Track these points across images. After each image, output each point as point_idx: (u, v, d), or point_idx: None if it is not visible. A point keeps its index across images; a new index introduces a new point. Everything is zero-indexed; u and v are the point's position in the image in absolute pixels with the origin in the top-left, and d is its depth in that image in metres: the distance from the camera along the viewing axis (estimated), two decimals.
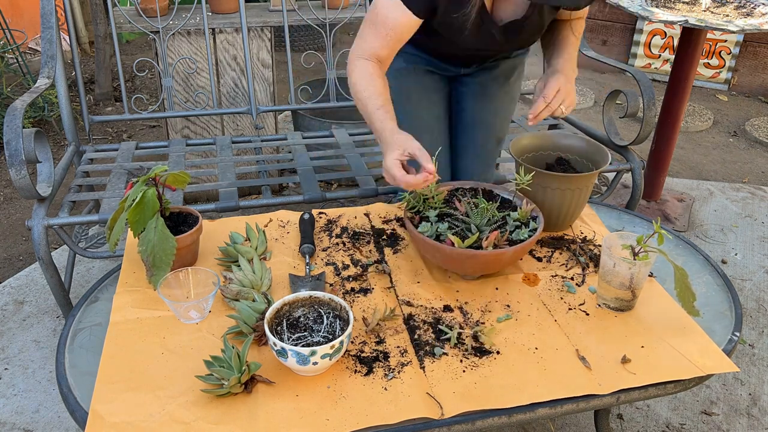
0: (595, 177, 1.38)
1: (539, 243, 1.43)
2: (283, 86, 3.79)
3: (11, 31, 3.37)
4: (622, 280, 1.17)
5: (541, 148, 1.51)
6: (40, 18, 1.94)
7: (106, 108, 3.71)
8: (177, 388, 1.01)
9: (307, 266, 1.29)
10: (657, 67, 4.47)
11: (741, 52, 4.24)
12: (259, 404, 0.99)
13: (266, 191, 1.90)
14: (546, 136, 1.52)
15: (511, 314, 1.20)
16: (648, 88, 2.00)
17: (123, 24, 2.28)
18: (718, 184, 3.11)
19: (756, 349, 2.06)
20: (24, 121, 2.66)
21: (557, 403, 1.02)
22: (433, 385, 1.03)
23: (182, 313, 1.15)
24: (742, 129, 3.81)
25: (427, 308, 1.21)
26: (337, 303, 1.10)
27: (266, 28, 2.51)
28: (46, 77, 1.90)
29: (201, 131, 2.64)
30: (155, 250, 1.16)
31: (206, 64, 2.47)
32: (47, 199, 1.67)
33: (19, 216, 2.75)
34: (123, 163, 2.00)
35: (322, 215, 1.52)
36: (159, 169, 1.20)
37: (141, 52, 4.61)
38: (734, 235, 2.68)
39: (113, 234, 1.19)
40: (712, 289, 1.33)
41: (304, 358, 0.98)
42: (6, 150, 1.54)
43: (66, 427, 1.71)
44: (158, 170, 1.20)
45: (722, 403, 1.85)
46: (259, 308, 1.12)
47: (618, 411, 1.80)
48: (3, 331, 2.04)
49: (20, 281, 2.27)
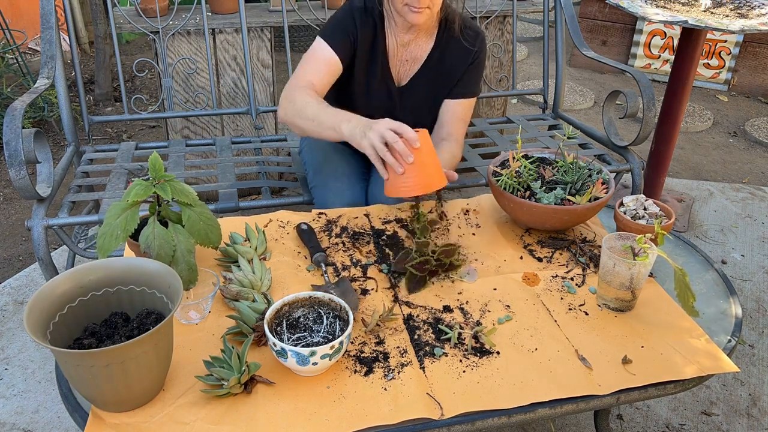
0: None
1: (539, 243, 1.43)
2: (283, 86, 3.79)
3: (11, 31, 3.37)
4: (622, 280, 1.17)
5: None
6: (40, 18, 1.94)
7: (105, 108, 3.71)
8: (177, 388, 1.01)
9: (324, 275, 1.28)
10: (657, 67, 4.47)
11: (741, 53, 4.25)
12: (259, 404, 0.99)
13: (266, 192, 1.90)
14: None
15: (511, 315, 1.20)
16: (648, 88, 2.00)
17: (123, 24, 2.28)
18: (718, 185, 3.11)
19: (756, 350, 2.06)
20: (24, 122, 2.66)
21: (557, 404, 1.02)
22: (433, 386, 1.03)
23: (182, 314, 1.15)
24: (742, 129, 3.81)
25: (427, 308, 1.21)
26: (336, 303, 1.10)
27: (266, 29, 2.51)
28: (46, 77, 1.90)
29: (201, 131, 2.64)
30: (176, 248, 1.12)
31: (206, 65, 2.47)
32: (47, 199, 1.67)
33: (19, 216, 2.75)
34: (123, 164, 2.00)
35: (322, 215, 1.52)
36: (160, 175, 1.12)
37: (141, 52, 4.61)
38: (734, 236, 2.68)
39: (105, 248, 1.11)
40: (712, 290, 1.33)
41: (303, 358, 0.98)
42: (6, 150, 1.54)
43: (66, 427, 1.71)
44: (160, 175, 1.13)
45: (722, 404, 1.85)
46: (259, 308, 1.12)
47: (618, 411, 1.80)
48: (3, 331, 2.03)
49: (20, 281, 2.27)
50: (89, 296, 1.01)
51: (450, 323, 1.17)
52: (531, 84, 4.24)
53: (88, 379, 0.90)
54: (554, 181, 1.46)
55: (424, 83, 1.69)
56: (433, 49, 1.66)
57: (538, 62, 4.74)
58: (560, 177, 1.46)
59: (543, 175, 1.48)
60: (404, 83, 1.70)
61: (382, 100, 1.70)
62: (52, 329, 0.95)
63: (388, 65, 1.66)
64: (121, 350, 0.87)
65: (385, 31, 1.63)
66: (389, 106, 1.71)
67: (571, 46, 3.29)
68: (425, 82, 1.69)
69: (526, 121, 2.48)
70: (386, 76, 1.67)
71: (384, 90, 1.69)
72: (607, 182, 1.44)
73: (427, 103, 1.72)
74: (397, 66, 1.68)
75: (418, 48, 1.66)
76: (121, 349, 0.87)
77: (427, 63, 1.67)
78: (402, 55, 1.67)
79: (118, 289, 1.03)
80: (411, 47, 1.65)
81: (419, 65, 1.68)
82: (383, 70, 1.66)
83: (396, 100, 1.70)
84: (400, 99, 1.70)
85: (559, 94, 2.47)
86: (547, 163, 1.55)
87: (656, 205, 1.40)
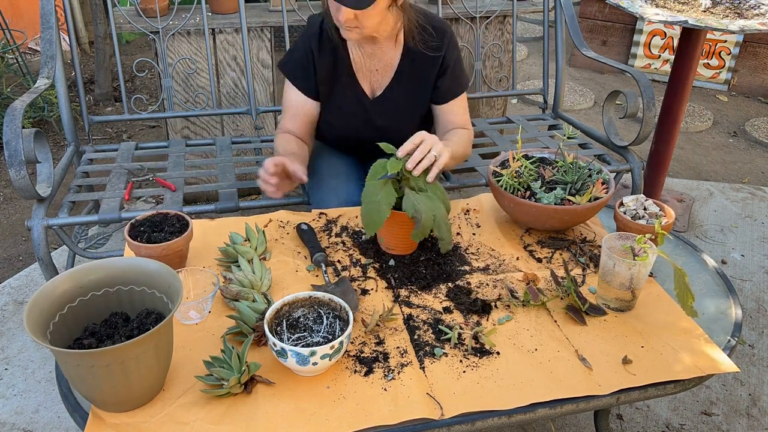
0: None
1: (539, 243, 1.43)
2: (283, 87, 3.79)
3: (11, 31, 3.37)
4: (622, 280, 1.18)
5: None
6: (40, 18, 1.94)
7: (105, 108, 3.71)
8: (177, 388, 1.01)
9: (325, 275, 1.29)
10: (657, 67, 4.47)
11: (741, 53, 4.25)
12: (259, 404, 0.99)
13: None
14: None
15: (511, 315, 1.20)
16: (648, 88, 2.00)
17: (123, 24, 2.28)
18: (718, 185, 3.11)
19: (756, 350, 2.06)
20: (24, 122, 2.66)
21: (557, 404, 1.02)
22: (433, 386, 1.03)
23: (182, 314, 1.15)
24: (741, 129, 3.81)
25: (427, 308, 1.21)
26: (336, 303, 1.10)
27: (266, 29, 2.51)
28: (46, 77, 1.90)
29: (201, 131, 2.64)
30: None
31: (206, 65, 2.47)
32: (47, 199, 1.67)
33: (19, 216, 2.75)
34: (123, 164, 2.00)
35: (322, 215, 1.52)
36: None
37: (141, 52, 4.61)
38: (734, 236, 2.68)
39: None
40: (712, 290, 1.33)
41: (303, 358, 0.98)
42: (6, 150, 1.54)
43: (66, 427, 1.71)
44: None
45: (722, 404, 1.85)
46: (259, 308, 1.12)
47: (618, 411, 1.80)
48: (3, 331, 2.03)
49: (20, 281, 2.27)
50: (89, 296, 1.01)
51: (450, 323, 1.17)
52: (531, 84, 4.24)
53: (88, 379, 0.90)
54: (554, 181, 1.46)
55: (400, 91, 1.68)
56: (403, 57, 1.65)
57: (538, 62, 4.74)
58: (560, 177, 1.46)
59: (543, 175, 1.48)
60: (378, 93, 1.69)
61: (354, 112, 1.70)
62: (52, 329, 0.95)
63: (356, 79, 1.66)
64: (121, 350, 0.87)
65: (347, 47, 1.63)
66: (364, 117, 1.71)
67: (571, 46, 3.29)
68: (400, 90, 1.68)
69: (526, 121, 2.48)
70: (356, 90, 1.67)
71: (353, 102, 1.69)
72: (607, 182, 1.44)
73: (407, 108, 1.71)
74: (367, 77, 1.67)
75: (385, 55, 1.64)
76: (121, 349, 0.87)
77: (399, 71, 1.66)
78: (370, 65, 1.65)
79: (118, 289, 1.03)
80: (378, 55, 1.64)
81: (391, 74, 1.67)
82: (349, 84, 1.66)
83: (371, 110, 1.70)
84: (376, 109, 1.70)
85: (559, 94, 2.47)
86: (547, 163, 1.55)
87: (656, 205, 1.40)
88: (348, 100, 1.68)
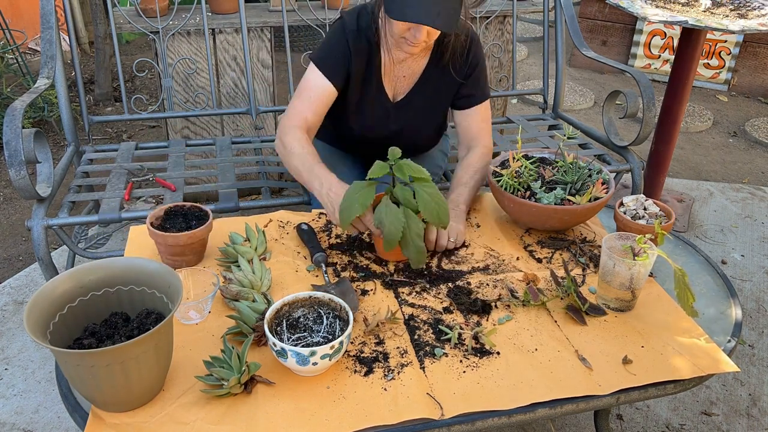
0: None
1: (539, 243, 1.43)
2: (283, 86, 3.77)
3: (11, 31, 3.37)
4: (622, 280, 1.17)
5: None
6: (40, 18, 1.94)
7: (105, 108, 3.71)
8: (177, 388, 1.01)
9: (325, 275, 1.28)
10: (657, 67, 4.47)
11: (741, 53, 4.25)
12: (259, 404, 0.99)
13: (266, 192, 1.90)
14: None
15: (511, 315, 1.20)
16: (647, 88, 2.00)
17: (123, 24, 2.28)
18: (718, 185, 3.11)
19: (756, 350, 2.06)
20: (24, 122, 2.66)
21: (557, 404, 1.02)
22: (433, 386, 1.03)
23: (182, 314, 1.15)
24: (741, 129, 3.81)
25: (427, 308, 1.21)
26: (336, 303, 1.10)
27: (266, 29, 2.51)
28: (46, 77, 1.90)
29: (201, 131, 2.64)
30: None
31: (206, 65, 2.47)
32: (47, 199, 1.67)
33: (19, 216, 2.75)
34: (123, 164, 2.00)
35: (322, 215, 1.52)
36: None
37: (141, 52, 4.61)
38: (734, 236, 2.68)
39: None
40: (712, 290, 1.33)
41: (303, 358, 0.98)
42: (6, 150, 1.54)
43: (66, 427, 1.71)
44: None
45: (722, 404, 1.85)
46: (259, 308, 1.12)
47: (618, 411, 1.80)
48: (3, 331, 2.03)
49: (20, 281, 2.27)
50: (89, 296, 1.01)
51: (450, 324, 1.17)
52: (531, 84, 4.24)
53: (88, 379, 0.90)
54: (554, 181, 1.46)
55: (421, 98, 1.68)
56: (428, 65, 1.64)
57: (538, 62, 4.74)
58: (560, 177, 1.46)
59: (543, 175, 1.48)
60: (400, 98, 1.68)
61: (376, 116, 1.69)
62: (52, 329, 0.95)
63: (381, 82, 1.65)
64: (121, 350, 0.87)
65: (380, 49, 1.62)
66: (383, 121, 1.70)
67: (571, 46, 3.29)
68: (422, 96, 1.68)
69: (526, 121, 2.48)
70: (380, 93, 1.66)
71: (377, 106, 1.68)
72: (607, 182, 1.44)
73: (425, 113, 1.71)
74: (392, 82, 1.66)
75: (415, 63, 1.64)
76: (121, 349, 0.87)
77: (423, 78, 1.66)
78: (397, 72, 1.65)
79: (118, 289, 1.03)
80: (408, 63, 1.63)
81: (415, 80, 1.66)
82: (377, 88, 1.65)
83: (391, 114, 1.69)
84: (396, 114, 1.69)
85: (559, 94, 2.47)
86: (547, 163, 1.54)
87: (656, 205, 1.40)
88: (372, 102, 1.67)
